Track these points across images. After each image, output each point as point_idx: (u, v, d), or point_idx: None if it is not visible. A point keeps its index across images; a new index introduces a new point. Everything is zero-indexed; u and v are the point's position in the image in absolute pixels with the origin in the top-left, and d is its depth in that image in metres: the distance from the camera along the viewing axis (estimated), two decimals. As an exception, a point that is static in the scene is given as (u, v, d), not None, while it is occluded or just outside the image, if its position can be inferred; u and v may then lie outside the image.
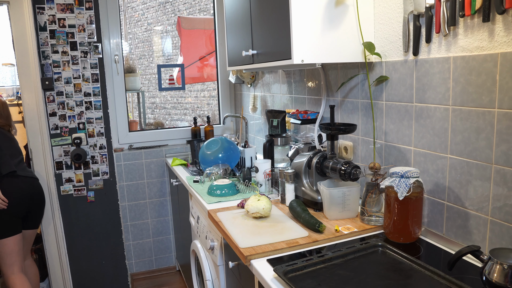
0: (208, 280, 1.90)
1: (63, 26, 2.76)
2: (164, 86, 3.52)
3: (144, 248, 3.28)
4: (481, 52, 1.17)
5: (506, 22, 1.09)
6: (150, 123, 6.16)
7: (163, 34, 7.47)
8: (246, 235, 1.45)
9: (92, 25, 2.82)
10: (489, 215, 1.20)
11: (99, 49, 2.86)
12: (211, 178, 2.25)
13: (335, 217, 1.58)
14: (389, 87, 1.56)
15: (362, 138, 1.76)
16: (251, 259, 1.31)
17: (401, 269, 1.18)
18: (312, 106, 2.15)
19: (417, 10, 1.37)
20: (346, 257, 1.26)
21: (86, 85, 2.86)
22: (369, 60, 1.63)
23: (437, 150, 1.36)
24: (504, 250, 1.03)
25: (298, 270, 1.18)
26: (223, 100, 3.43)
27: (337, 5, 1.55)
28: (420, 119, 1.42)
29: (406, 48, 1.45)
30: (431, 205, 1.42)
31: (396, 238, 1.37)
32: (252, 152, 2.52)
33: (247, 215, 1.65)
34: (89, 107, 2.89)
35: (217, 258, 1.78)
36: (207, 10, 6.58)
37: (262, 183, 2.01)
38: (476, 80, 1.19)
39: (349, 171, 1.53)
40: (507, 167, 1.13)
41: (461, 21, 1.23)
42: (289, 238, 1.41)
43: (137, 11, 7.70)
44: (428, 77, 1.37)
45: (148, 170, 3.18)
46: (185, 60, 4.81)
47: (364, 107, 1.72)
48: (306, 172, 1.74)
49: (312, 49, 1.55)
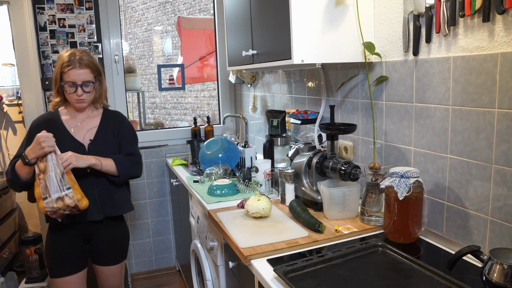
0: (208, 280, 1.90)
1: (63, 26, 2.76)
2: (164, 86, 3.52)
3: (144, 248, 3.28)
4: (481, 52, 1.17)
5: (506, 22, 1.09)
6: (150, 123, 6.16)
7: (163, 34, 7.47)
8: (246, 235, 1.45)
9: (92, 25, 2.83)
10: (489, 215, 1.20)
11: (99, 49, 2.87)
12: (211, 178, 2.25)
13: (335, 217, 1.58)
14: (389, 87, 1.56)
15: (362, 138, 1.76)
16: (251, 259, 1.31)
17: (401, 269, 1.18)
18: (312, 106, 2.15)
19: (417, 10, 1.37)
20: (346, 257, 1.26)
21: (86, 85, 2.86)
22: (369, 60, 1.63)
23: (437, 150, 1.36)
24: (504, 250, 1.03)
25: (298, 270, 1.18)
26: (223, 100, 3.43)
27: (337, 5, 1.55)
28: (420, 119, 1.42)
29: (406, 48, 1.45)
30: (431, 205, 1.42)
31: (396, 238, 1.37)
32: (252, 152, 2.52)
33: (247, 215, 1.65)
34: (89, 107, 2.89)
35: (217, 258, 1.78)
36: (207, 10, 6.58)
37: (262, 183, 2.01)
38: (476, 80, 1.20)
39: (349, 171, 1.53)
40: (507, 167, 1.13)
41: (461, 21, 1.23)
42: (289, 238, 1.41)
43: (137, 11, 7.70)
44: (428, 77, 1.37)
45: (148, 170, 3.18)
46: (185, 60, 4.81)
47: (364, 107, 1.72)
48: (306, 172, 1.74)
49: (312, 49, 1.55)
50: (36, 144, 1.64)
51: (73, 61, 1.76)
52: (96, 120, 1.91)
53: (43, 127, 1.78)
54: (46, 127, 1.77)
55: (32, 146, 1.65)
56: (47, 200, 1.66)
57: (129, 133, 1.97)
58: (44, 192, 1.67)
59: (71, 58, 1.76)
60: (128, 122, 2.01)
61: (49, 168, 1.66)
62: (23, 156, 1.66)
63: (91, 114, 1.92)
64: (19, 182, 1.72)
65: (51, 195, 1.66)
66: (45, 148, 1.63)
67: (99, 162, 1.79)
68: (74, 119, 1.88)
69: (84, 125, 1.88)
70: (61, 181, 1.68)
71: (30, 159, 1.65)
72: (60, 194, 1.67)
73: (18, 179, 1.72)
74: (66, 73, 1.75)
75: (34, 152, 1.65)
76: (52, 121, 1.85)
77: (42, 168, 1.67)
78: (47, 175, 1.66)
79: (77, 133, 1.86)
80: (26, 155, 1.66)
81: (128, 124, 1.98)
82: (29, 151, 1.66)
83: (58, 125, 1.85)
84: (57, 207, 1.67)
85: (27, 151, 1.66)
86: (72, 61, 1.75)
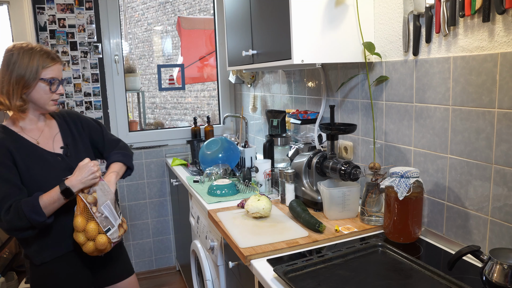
0: (208, 280, 1.90)
1: (63, 26, 2.76)
2: (164, 86, 3.52)
3: (144, 248, 3.28)
4: (481, 52, 1.17)
5: (506, 22, 1.09)
6: (150, 123, 6.15)
7: (163, 34, 7.47)
8: (246, 235, 1.45)
9: (92, 25, 2.83)
10: (489, 215, 1.20)
11: (99, 49, 2.87)
12: (211, 178, 2.25)
13: (335, 217, 1.58)
14: (389, 87, 1.56)
15: (362, 138, 1.76)
16: (251, 259, 1.31)
17: (401, 269, 1.18)
18: (312, 106, 2.15)
19: (417, 10, 1.37)
20: (346, 257, 1.26)
21: (86, 85, 2.86)
22: (369, 60, 1.63)
23: (437, 150, 1.36)
24: (504, 250, 1.03)
25: (298, 270, 1.17)
26: (223, 100, 3.43)
27: (337, 5, 1.55)
28: (420, 119, 1.42)
29: (406, 48, 1.45)
30: (431, 205, 1.42)
31: (396, 238, 1.37)
32: (252, 152, 2.52)
33: (247, 215, 1.64)
34: (89, 107, 2.89)
35: (217, 258, 1.78)
36: (207, 10, 6.58)
37: (262, 183, 2.01)
38: (476, 80, 1.20)
39: (349, 171, 1.53)
40: (507, 167, 1.13)
41: (461, 21, 1.23)
42: (289, 238, 1.41)
43: (137, 11, 7.70)
44: (428, 77, 1.37)
45: (148, 170, 3.18)
46: (185, 60, 4.81)
47: (364, 107, 1.72)
48: (306, 172, 1.74)
49: (312, 49, 1.55)
50: (88, 173, 1.43)
51: (54, 55, 1.51)
52: (52, 124, 1.63)
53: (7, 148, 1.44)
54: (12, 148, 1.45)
55: (80, 177, 1.42)
56: (111, 232, 1.47)
57: (92, 123, 1.74)
58: (106, 224, 1.47)
59: (49, 51, 1.50)
60: (82, 114, 1.78)
61: (101, 197, 1.47)
62: (68, 189, 1.40)
63: (48, 120, 1.62)
64: (47, 222, 1.43)
65: (114, 225, 1.49)
66: (98, 178, 1.46)
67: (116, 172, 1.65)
68: (33, 130, 1.55)
69: (46, 134, 1.58)
70: (116, 207, 1.52)
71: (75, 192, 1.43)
72: (119, 221, 1.52)
73: (48, 218, 1.42)
74: (50, 67, 1.48)
75: (84, 184, 1.43)
76: (11, 140, 1.48)
77: (91, 200, 1.46)
78: (103, 205, 1.47)
79: (45, 144, 1.55)
80: (71, 187, 1.41)
81: (84, 116, 1.75)
82: (76, 183, 1.41)
83: (21, 142, 1.50)
84: (121, 235, 1.51)
85: (73, 183, 1.41)
86: (53, 55, 1.51)
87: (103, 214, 1.47)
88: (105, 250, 1.49)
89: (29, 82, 1.45)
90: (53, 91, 1.51)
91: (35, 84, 1.46)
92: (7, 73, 1.45)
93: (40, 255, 1.52)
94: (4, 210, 1.38)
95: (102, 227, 1.46)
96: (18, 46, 1.48)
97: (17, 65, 1.44)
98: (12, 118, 1.54)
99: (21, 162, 1.46)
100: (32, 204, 1.38)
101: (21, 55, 1.45)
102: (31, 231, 1.42)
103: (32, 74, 1.45)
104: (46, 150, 1.55)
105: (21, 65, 1.44)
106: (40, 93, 1.48)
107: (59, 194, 1.40)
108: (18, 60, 1.44)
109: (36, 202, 1.38)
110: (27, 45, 1.49)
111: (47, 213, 1.40)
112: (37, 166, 1.48)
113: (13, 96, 1.45)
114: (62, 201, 1.42)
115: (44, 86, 1.48)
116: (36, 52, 1.47)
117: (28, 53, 1.46)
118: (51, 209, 1.42)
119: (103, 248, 1.47)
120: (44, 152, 1.54)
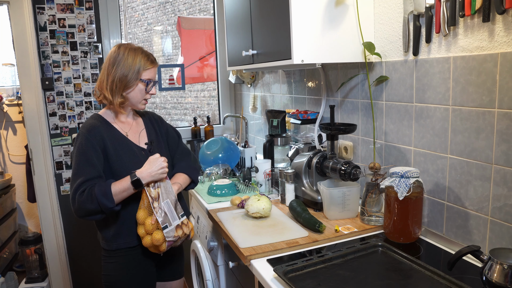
0: (208, 280, 1.90)
1: (63, 26, 2.76)
2: (164, 86, 3.52)
3: (144, 248, 3.27)
4: (481, 52, 1.17)
5: (506, 22, 1.09)
6: (150, 123, 6.14)
7: (163, 34, 7.47)
8: (246, 235, 1.45)
9: (92, 25, 2.82)
10: (489, 215, 1.20)
11: (99, 49, 2.87)
12: (211, 178, 2.25)
13: (335, 217, 1.58)
14: (389, 87, 1.56)
15: (362, 138, 1.76)
16: (251, 259, 1.31)
17: (401, 269, 1.18)
18: (312, 106, 2.15)
19: (417, 10, 1.37)
20: (346, 257, 1.26)
21: (86, 85, 2.86)
22: (369, 60, 1.63)
23: (437, 150, 1.36)
24: (504, 250, 1.03)
25: (298, 270, 1.18)
26: (223, 100, 3.43)
27: (337, 5, 1.55)
28: (420, 119, 1.42)
29: (406, 48, 1.45)
30: (431, 205, 1.42)
31: (396, 238, 1.37)
32: (252, 152, 2.52)
33: (247, 215, 1.65)
34: (89, 107, 2.89)
35: (217, 258, 1.78)
36: (207, 10, 6.58)
37: (262, 183, 2.01)
38: (476, 80, 1.20)
39: (349, 171, 1.53)
40: (507, 167, 1.13)
41: (461, 21, 1.23)
42: (289, 238, 1.41)
43: (137, 11, 7.70)
44: (428, 77, 1.37)
45: (148, 170, 3.17)
46: (185, 60, 4.81)
47: (364, 107, 1.72)
48: (306, 172, 1.74)
49: (312, 49, 1.55)
50: (157, 168, 1.49)
51: (153, 57, 1.63)
52: (139, 121, 1.73)
53: (101, 135, 1.55)
54: (106, 136, 1.56)
55: (150, 170, 1.48)
56: (167, 230, 1.48)
57: (172, 130, 1.82)
58: (164, 220, 1.48)
59: (149, 54, 1.61)
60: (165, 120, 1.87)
61: (163, 194, 1.51)
62: (138, 180, 1.46)
63: (135, 116, 1.73)
64: (115, 209, 1.49)
65: (171, 223, 1.50)
66: (166, 173, 1.51)
67: (180, 184, 1.68)
68: (124, 123, 1.67)
69: (134, 129, 1.69)
70: (176, 208, 1.54)
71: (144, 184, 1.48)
72: (178, 222, 1.53)
73: (116, 205, 1.49)
74: (149, 70, 1.58)
75: (153, 177, 1.48)
76: (106, 128, 1.59)
77: (154, 195, 1.50)
78: (164, 201, 1.50)
79: (132, 138, 1.66)
80: (141, 179, 1.47)
81: (166, 122, 1.83)
82: (146, 175, 1.47)
83: (114, 132, 1.61)
84: (177, 236, 1.51)
85: (143, 175, 1.47)
86: (152, 57, 1.62)
87: (163, 211, 1.50)
88: (160, 248, 1.51)
89: (131, 81, 1.56)
90: (148, 91, 1.61)
91: (135, 84, 1.57)
92: (112, 71, 1.55)
93: (116, 242, 1.59)
94: (80, 191, 1.46)
95: (160, 222, 1.48)
96: (124, 46, 1.60)
97: (122, 64, 1.55)
98: (107, 109, 1.65)
99: (113, 150, 1.55)
100: (105, 189, 1.45)
101: (126, 55, 1.56)
102: (99, 215, 1.49)
103: (134, 74, 1.56)
104: (134, 143, 1.64)
105: (125, 65, 1.55)
106: (137, 93, 1.59)
107: (129, 184, 1.47)
108: (123, 60, 1.55)
109: (109, 189, 1.46)
110: (131, 46, 1.60)
111: (116, 201, 1.47)
112: (126, 156, 1.57)
113: (116, 93, 1.56)
114: (131, 191, 1.48)
115: (142, 87, 1.59)
116: (138, 53, 1.58)
117: (132, 54, 1.56)
118: (120, 197, 1.48)
119: (158, 244, 1.49)
120: (132, 144, 1.63)
